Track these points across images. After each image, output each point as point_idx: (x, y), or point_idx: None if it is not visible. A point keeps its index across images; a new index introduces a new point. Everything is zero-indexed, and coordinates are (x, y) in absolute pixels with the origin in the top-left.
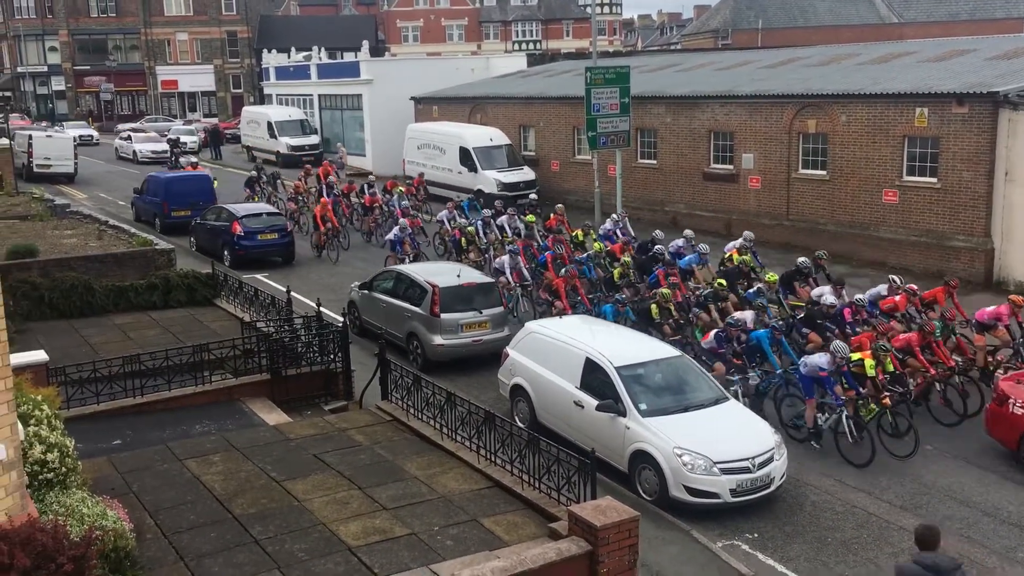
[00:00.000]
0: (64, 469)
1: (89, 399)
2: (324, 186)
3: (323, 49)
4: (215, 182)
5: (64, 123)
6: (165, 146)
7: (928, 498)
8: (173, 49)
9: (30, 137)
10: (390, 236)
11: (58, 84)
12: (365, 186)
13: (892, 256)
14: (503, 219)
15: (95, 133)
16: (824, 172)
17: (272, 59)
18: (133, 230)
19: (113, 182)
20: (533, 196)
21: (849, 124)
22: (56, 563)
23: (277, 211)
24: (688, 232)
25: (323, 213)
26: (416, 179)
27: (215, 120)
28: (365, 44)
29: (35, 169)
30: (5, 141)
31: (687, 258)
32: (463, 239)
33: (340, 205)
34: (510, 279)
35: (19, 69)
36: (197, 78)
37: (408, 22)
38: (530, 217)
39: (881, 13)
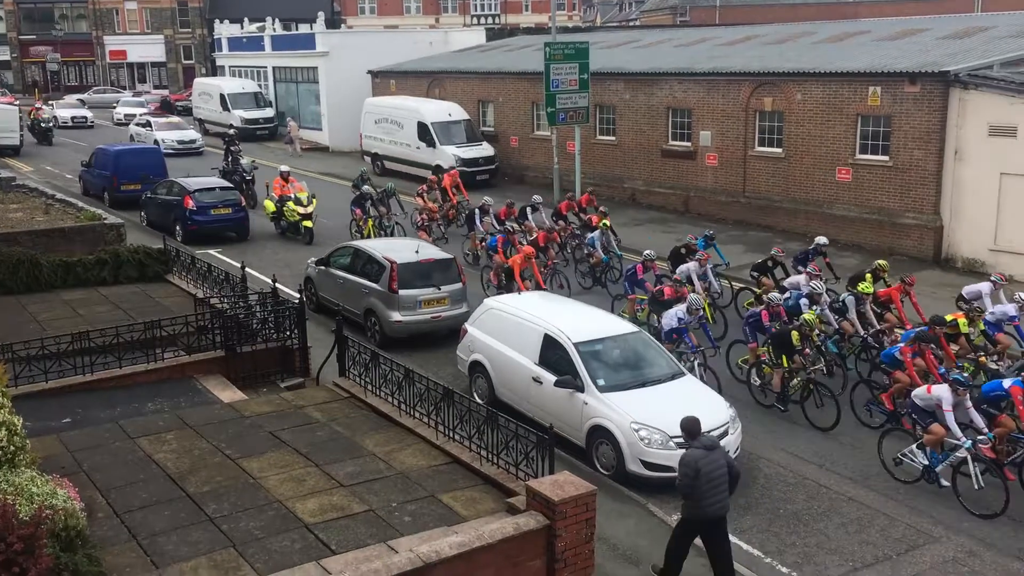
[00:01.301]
0: (12, 448)
1: (37, 377)
2: (475, 213)
3: (277, 20)
4: (253, 165)
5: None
6: (193, 135)
7: (878, 470)
8: (122, 18)
9: None
10: (669, 323)
11: (2, 54)
12: (528, 209)
13: (845, 233)
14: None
15: (89, 114)
16: (780, 150)
17: (224, 29)
18: (81, 204)
19: (60, 155)
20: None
21: (804, 102)
22: (6, 543)
23: (230, 185)
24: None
25: (525, 266)
26: (584, 197)
27: (165, 92)
28: (321, 15)
29: None
30: None
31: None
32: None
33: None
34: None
35: None
36: (147, 48)
37: None
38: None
39: None
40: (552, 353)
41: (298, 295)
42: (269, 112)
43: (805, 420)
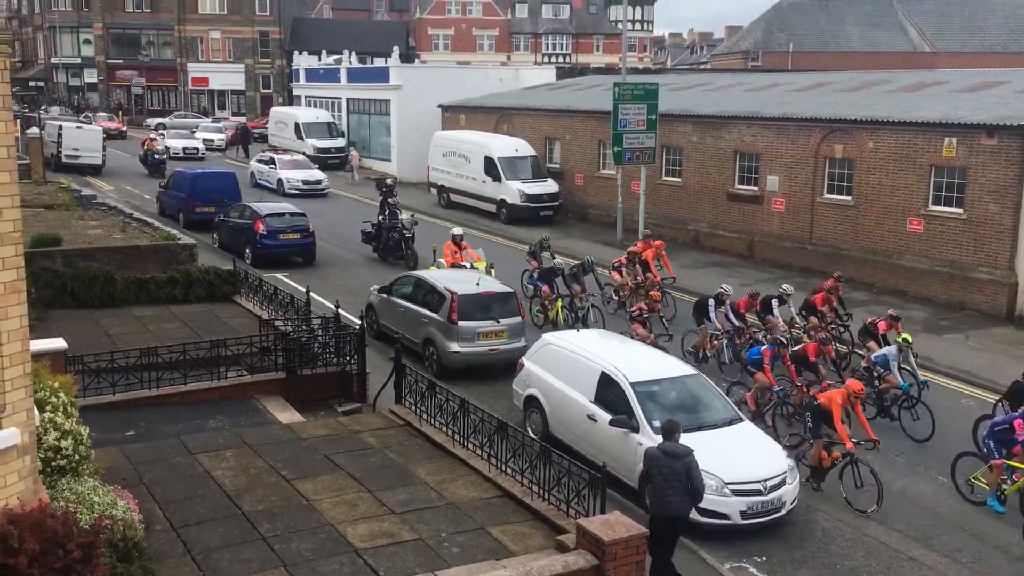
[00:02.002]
0: (77, 457)
1: (105, 389)
2: (709, 303)
3: (354, 53)
4: (414, 220)
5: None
6: (318, 175)
7: (940, 529)
8: (205, 47)
9: (60, 128)
10: None
11: (90, 76)
12: (774, 301)
13: (914, 286)
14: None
15: (201, 145)
16: (849, 198)
17: (303, 61)
18: (157, 224)
19: (139, 176)
20: None
21: (876, 151)
22: (65, 549)
23: (300, 211)
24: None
25: (845, 405)
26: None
27: (243, 119)
28: (396, 50)
29: (64, 159)
30: (36, 131)
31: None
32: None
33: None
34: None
35: (53, 60)
36: (227, 76)
37: (439, 30)
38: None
39: (914, 41)
40: (608, 392)
41: (359, 321)
42: (341, 142)
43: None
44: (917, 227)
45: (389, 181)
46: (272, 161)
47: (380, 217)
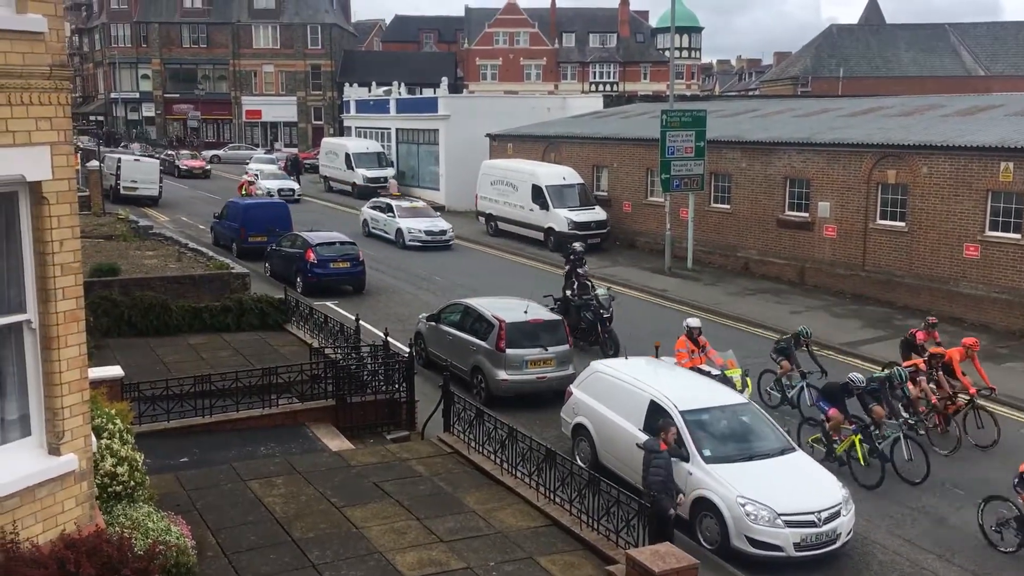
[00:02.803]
0: (132, 483)
1: (160, 416)
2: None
3: (403, 84)
4: (611, 296)
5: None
6: (443, 225)
7: (1000, 561)
8: (259, 80)
9: (119, 160)
10: None
11: (148, 110)
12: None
13: (972, 312)
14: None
15: (296, 186)
16: (903, 224)
17: (353, 92)
18: (211, 253)
19: (194, 207)
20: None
21: (931, 176)
22: (120, 574)
23: (351, 240)
24: None
25: None
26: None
27: (295, 150)
28: (444, 80)
29: (122, 191)
30: (95, 163)
31: None
32: None
33: None
34: None
35: (112, 95)
36: (280, 109)
37: (487, 60)
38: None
39: (967, 65)
40: (658, 420)
41: (408, 349)
42: (390, 172)
43: (922, 503)
44: (974, 253)
45: (578, 246)
46: (389, 208)
47: (568, 292)
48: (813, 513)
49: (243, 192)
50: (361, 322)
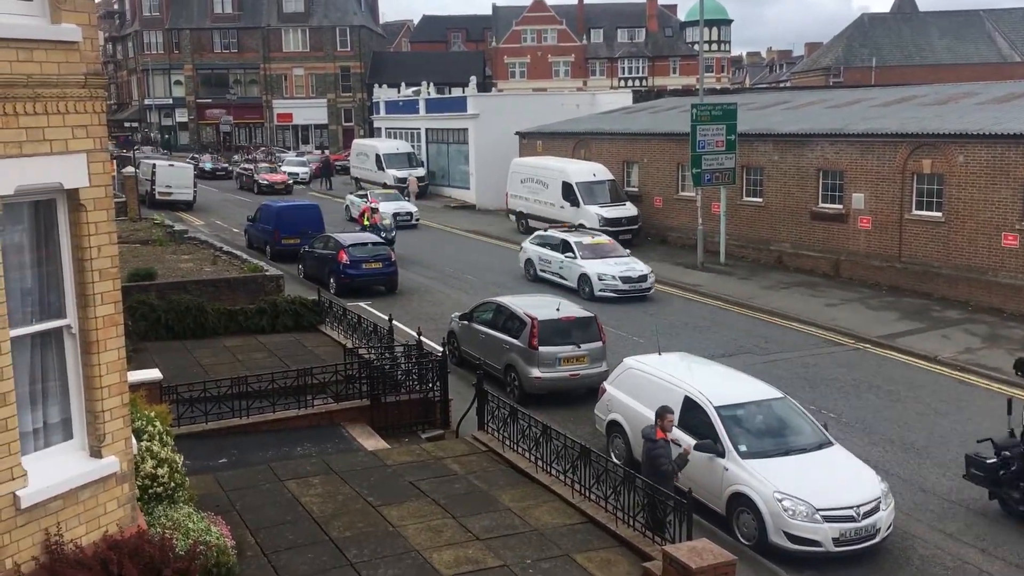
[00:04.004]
0: (173, 484)
1: (198, 417)
2: None
3: (432, 84)
4: None
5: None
6: (642, 268)
7: None
8: (290, 84)
9: (154, 166)
10: None
11: (181, 116)
12: None
13: (1011, 303)
14: None
15: (414, 209)
16: (939, 214)
17: (382, 93)
18: (245, 256)
19: (228, 210)
20: None
21: (967, 165)
22: (162, 575)
23: (382, 240)
24: None
25: None
26: None
27: (326, 152)
28: (473, 79)
29: (157, 196)
30: (131, 169)
31: None
32: None
33: None
34: None
35: (146, 101)
36: (311, 111)
37: (515, 58)
38: None
39: (1003, 51)
40: (692, 416)
41: (441, 348)
42: (420, 171)
43: (963, 497)
44: (1013, 242)
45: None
46: (565, 246)
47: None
48: (852, 508)
49: (366, 221)
50: (394, 322)
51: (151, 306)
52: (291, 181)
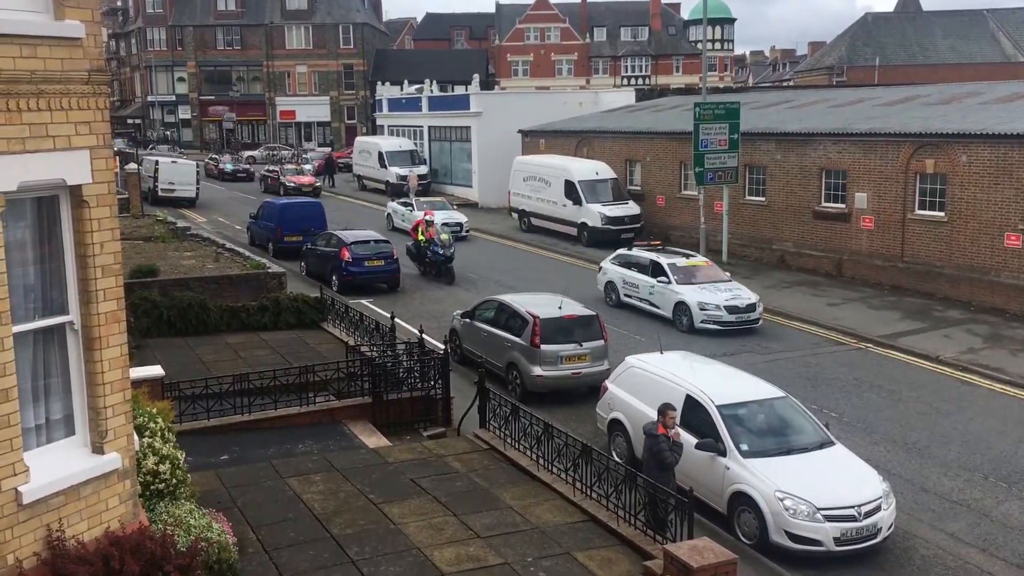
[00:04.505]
0: (174, 481)
1: (200, 414)
2: None
3: (435, 82)
4: None
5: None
6: (749, 296)
7: None
8: (292, 81)
9: (156, 163)
10: None
11: (184, 113)
12: None
13: (1014, 303)
14: None
15: (463, 218)
16: (942, 214)
17: (385, 91)
18: (248, 253)
19: (231, 207)
20: None
21: (970, 165)
22: (163, 571)
23: (384, 238)
24: None
25: None
26: None
27: (329, 149)
28: (476, 77)
29: (160, 193)
30: (134, 166)
31: None
32: None
33: None
34: None
35: (149, 98)
36: (313, 109)
37: (518, 56)
38: None
39: (1006, 51)
40: (694, 415)
41: (443, 346)
42: (423, 169)
43: (964, 497)
44: (1015, 242)
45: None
46: (656, 268)
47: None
48: (853, 507)
49: (420, 236)
50: (396, 320)
51: (153, 303)
52: (318, 184)
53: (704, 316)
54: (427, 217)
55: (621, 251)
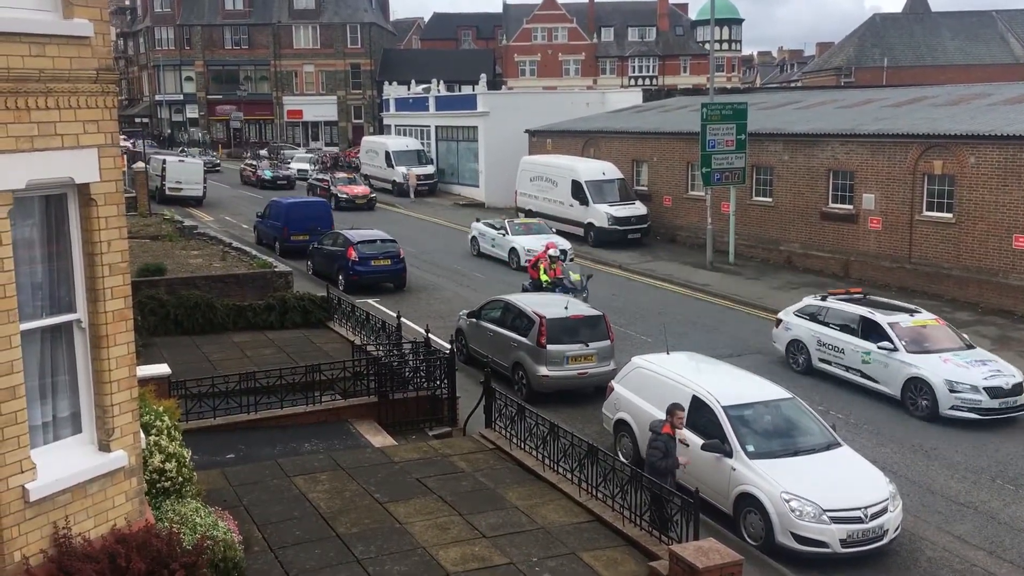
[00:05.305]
0: (181, 479)
1: (206, 413)
2: None
3: (442, 82)
4: None
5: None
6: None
7: None
8: (300, 80)
9: (164, 161)
10: None
11: (192, 112)
12: None
13: (1022, 305)
14: None
15: (567, 246)
16: (950, 215)
17: (392, 91)
18: (254, 252)
19: (238, 206)
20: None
21: (978, 166)
22: (169, 569)
23: (391, 238)
24: None
25: None
26: None
27: (336, 149)
28: (483, 77)
29: (167, 192)
30: (141, 165)
31: None
32: None
33: None
34: None
35: (157, 97)
36: (321, 108)
37: (526, 56)
38: None
39: (1015, 52)
40: (700, 415)
41: (449, 346)
42: (430, 169)
43: (971, 499)
44: None
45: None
46: (873, 330)
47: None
48: (859, 509)
49: (543, 276)
50: (402, 319)
51: (160, 301)
52: (373, 194)
53: (956, 400)
54: (551, 252)
55: (810, 300)
